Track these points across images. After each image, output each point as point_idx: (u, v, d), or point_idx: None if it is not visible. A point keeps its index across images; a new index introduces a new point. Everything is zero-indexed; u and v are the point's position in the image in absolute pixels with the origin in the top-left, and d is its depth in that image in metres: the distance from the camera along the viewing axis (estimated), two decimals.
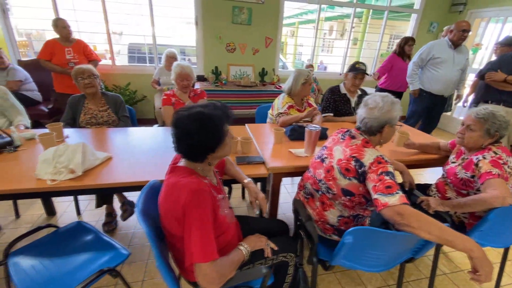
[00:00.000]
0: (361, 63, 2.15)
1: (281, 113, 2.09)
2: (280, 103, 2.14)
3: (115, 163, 1.40)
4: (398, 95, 3.70)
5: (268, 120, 2.35)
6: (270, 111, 2.30)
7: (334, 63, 4.93)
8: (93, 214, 2.07)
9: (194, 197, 0.81)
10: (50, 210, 2.02)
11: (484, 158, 1.25)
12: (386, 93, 1.16)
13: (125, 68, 3.85)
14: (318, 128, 1.50)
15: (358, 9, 6.64)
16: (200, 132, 0.86)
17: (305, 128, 1.52)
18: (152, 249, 0.89)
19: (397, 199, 0.95)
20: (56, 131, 1.56)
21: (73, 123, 1.97)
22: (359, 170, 1.06)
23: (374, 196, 1.00)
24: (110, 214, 1.96)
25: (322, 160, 1.21)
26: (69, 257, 1.17)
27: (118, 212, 2.01)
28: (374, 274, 1.67)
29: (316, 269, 1.20)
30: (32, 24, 3.89)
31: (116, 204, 2.03)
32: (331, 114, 2.31)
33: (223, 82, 3.84)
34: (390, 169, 1.03)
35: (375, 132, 1.14)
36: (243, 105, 3.77)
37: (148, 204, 1.03)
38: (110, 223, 1.92)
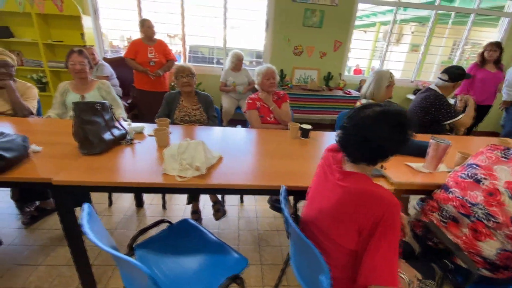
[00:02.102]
0: None
1: None
2: None
3: (226, 163, 1.37)
4: (482, 109, 3.28)
5: None
6: None
7: (390, 69, 4.60)
8: (176, 209, 2.10)
9: (395, 212, 0.72)
10: (140, 202, 2.09)
11: None
12: None
13: (195, 69, 3.96)
14: (448, 143, 1.32)
15: (425, 13, 6.15)
16: (398, 134, 0.77)
17: (431, 140, 1.35)
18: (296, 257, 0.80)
19: None
20: (165, 127, 1.59)
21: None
22: None
23: None
24: (196, 211, 1.97)
25: (478, 181, 1.04)
26: (189, 258, 1.15)
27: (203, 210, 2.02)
28: None
29: None
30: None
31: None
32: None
33: (289, 85, 3.77)
34: None
35: None
36: (308, 109, 3.65)
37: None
38: (196, 221, 1.92)
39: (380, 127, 0.76)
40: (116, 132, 1.45)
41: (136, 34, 3.68)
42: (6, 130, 1.39)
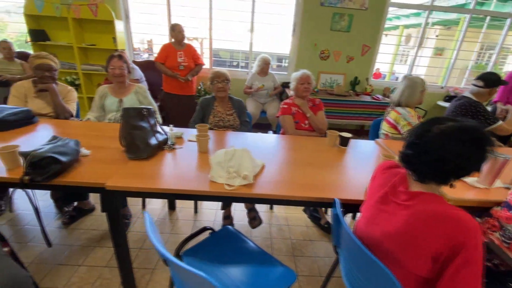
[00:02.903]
0: None
1: None
2: (409, 117, 1.90)
3: (268, 171, 1.34)
4: None
5: (383, 137, 2.10)
6: (388, 128, 2.04)
7: (417, 74, 4.45)
8: (207, 213, 2.10)
9: (478, 237, 0.68)
10: (172, 205, 2.11)
11: None
12: None
13: None
14: (508, 157, 1.24)
15: (452, 16, 5.93)
16: (479, 151, 0.72)
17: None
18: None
19: None
20: (206, 133, 1.59)
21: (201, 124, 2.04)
22: None
23: None
24: (228, 216, 1.96)
25: None
26: (236, 268, 1.13)
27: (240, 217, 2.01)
28: None
29: None
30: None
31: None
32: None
33: (315, 89, 3.72)
34: None
35: None
36: (334, 114, 3.58)
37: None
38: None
39: (459, 145, 0.71)
40: (160, 137, 1.46)
41: (158, 37, 3.76)
42: (49, 132, 1.44)
